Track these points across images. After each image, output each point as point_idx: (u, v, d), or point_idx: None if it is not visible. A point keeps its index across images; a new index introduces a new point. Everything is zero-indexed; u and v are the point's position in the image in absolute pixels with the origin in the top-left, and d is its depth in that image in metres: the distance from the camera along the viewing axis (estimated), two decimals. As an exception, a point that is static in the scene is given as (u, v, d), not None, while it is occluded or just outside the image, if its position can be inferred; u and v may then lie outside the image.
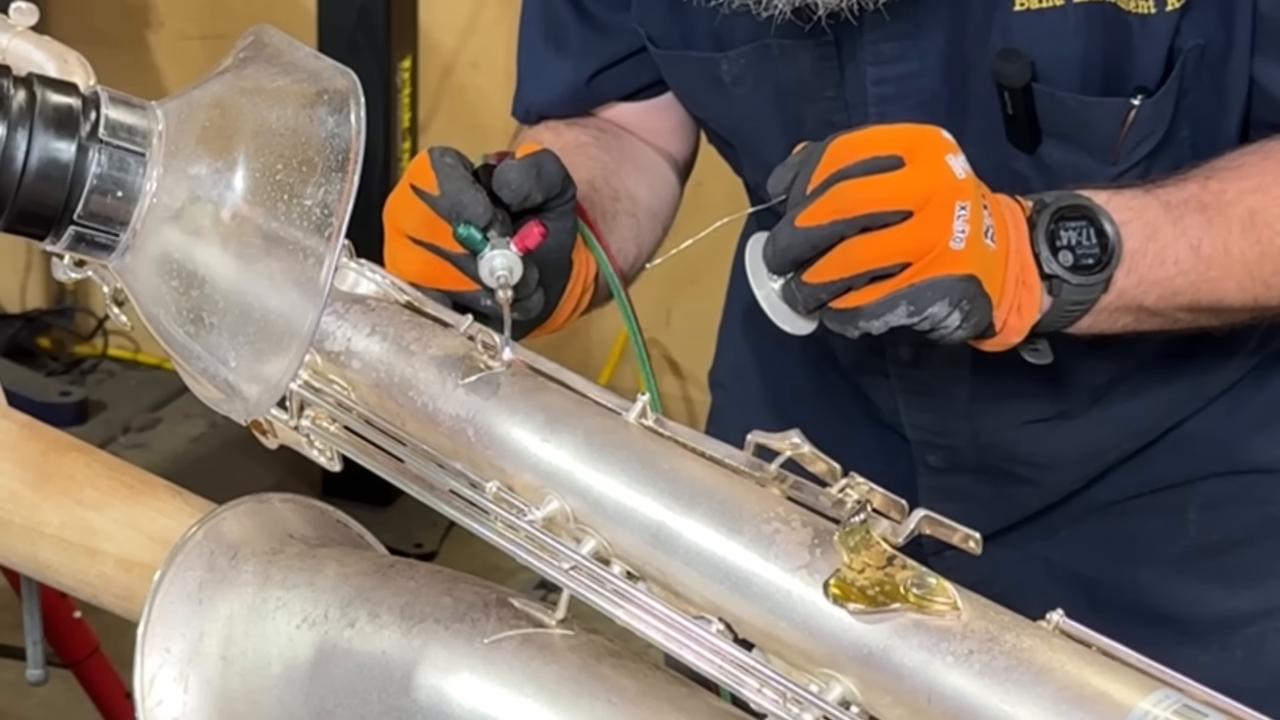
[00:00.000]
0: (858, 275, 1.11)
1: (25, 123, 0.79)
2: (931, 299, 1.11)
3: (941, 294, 1.11)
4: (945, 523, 0.77)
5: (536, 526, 0.83)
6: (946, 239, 1.10)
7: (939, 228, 1.10)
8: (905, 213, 1.10)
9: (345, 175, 0.79)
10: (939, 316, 1.11)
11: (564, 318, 1.27)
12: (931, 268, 1.10)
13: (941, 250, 1.10)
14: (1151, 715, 0.71)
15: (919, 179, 1.11)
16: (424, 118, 3.40)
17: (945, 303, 1.11)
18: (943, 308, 1.11)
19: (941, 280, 1.10)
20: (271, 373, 0.80)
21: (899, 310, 1.11)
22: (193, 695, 0.91)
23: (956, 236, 1.10)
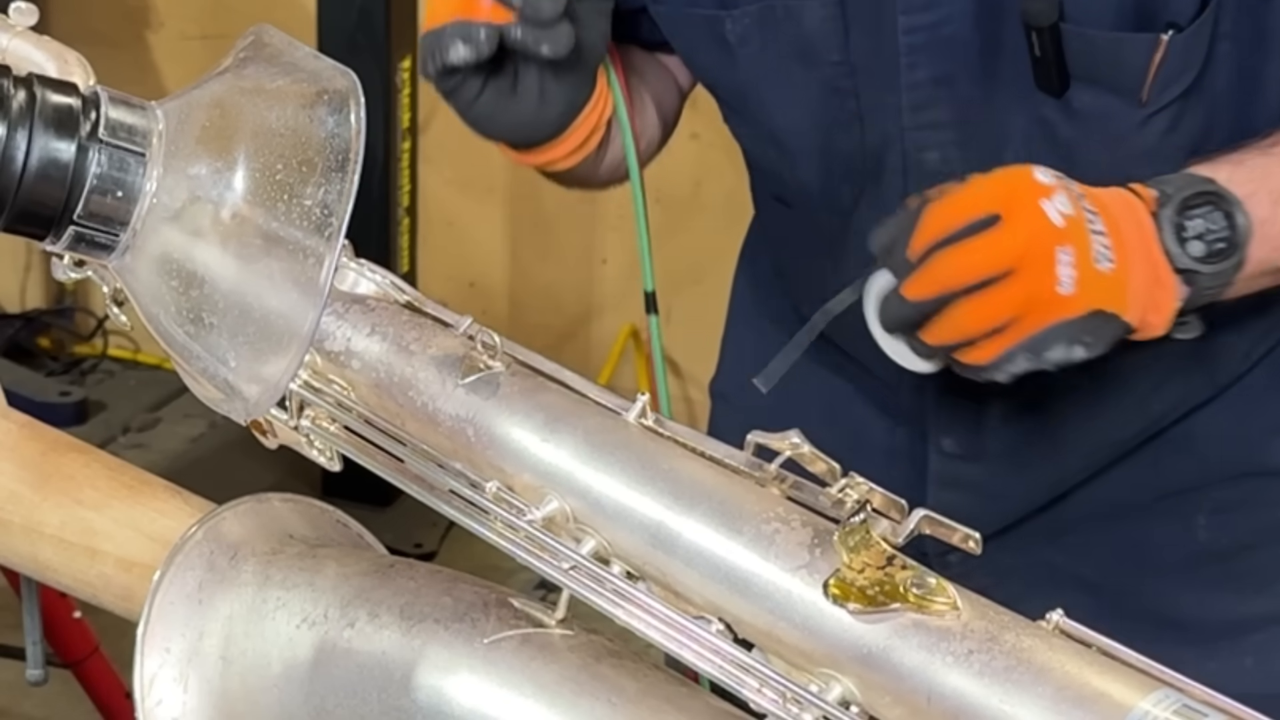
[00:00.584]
0: (969, 338, 1.14)
1: (25, 123, 0.79)
2: (1049, 344, 1.14)
3: (1057, 339, 1.14)
4: (945, 522, 0.77)
5: (536, 526, 0.83)
6: (1052, 288, 1.12)
7: (1041, 280, 1.12)
8: (1007, 271, 1.13)
9: (345, 175, 0.79)
10: (1061, 357, 1.14)
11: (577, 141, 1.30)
12: (1043, 317, 1.13)
13: (1049, 299, 1.13)
14: (1151, 715, 0.71)
15: (1014, 236, 1.13)
16: (424, 118, 3.40)
17: (1063, 345, 1.14)
18: (1062, 350, 1.14)
19: (1055, 328, 1.13)
20: (271, 373, 0.80)
21: (1019, 360, 1.14)
22: (193, 695, 0.91)
23: (1063, 283, 1.12)
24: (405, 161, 3.22)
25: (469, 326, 0.91)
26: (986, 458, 1.45)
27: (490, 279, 3.63)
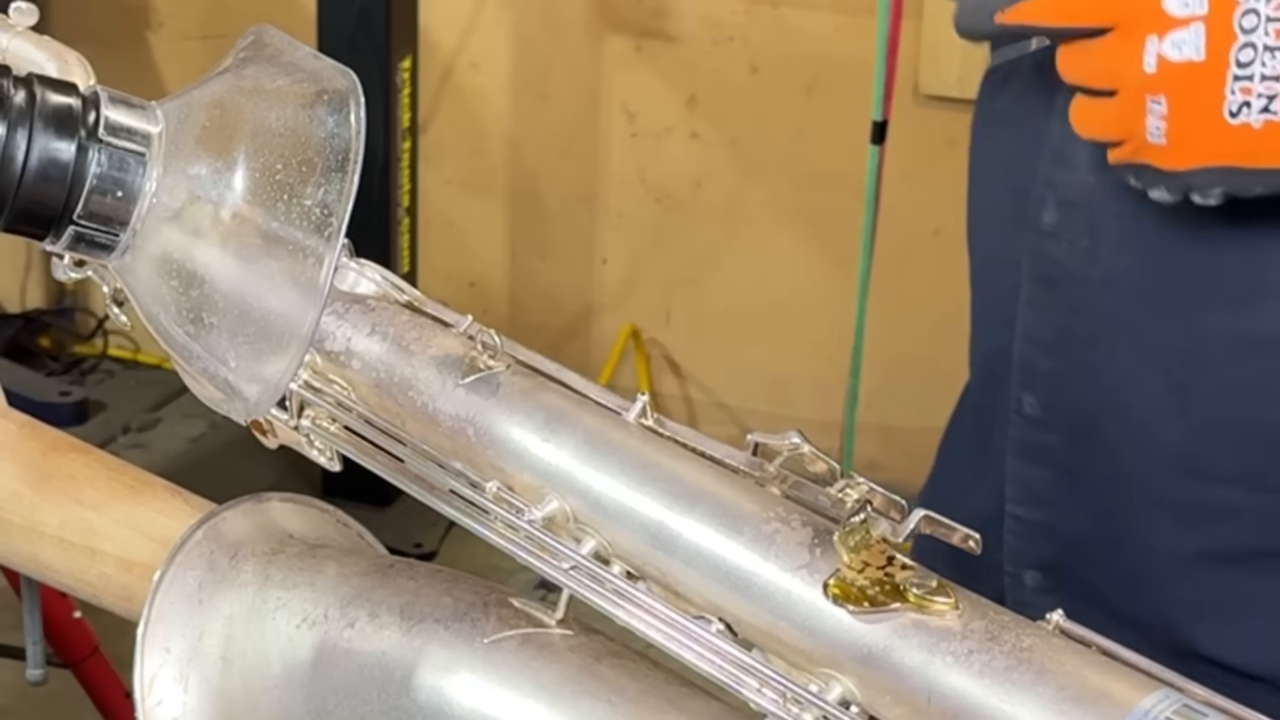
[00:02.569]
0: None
1: (25, 123, 0.79)
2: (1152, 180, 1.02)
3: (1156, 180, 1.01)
4: (945, 522, 0.77)
5: (536, 526, 0.83)
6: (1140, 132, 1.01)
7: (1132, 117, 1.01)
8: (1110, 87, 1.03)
9: (345, 175, 0.79)
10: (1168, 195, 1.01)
11: None
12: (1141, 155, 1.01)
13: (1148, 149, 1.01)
14: (1151, 715, 0.71)
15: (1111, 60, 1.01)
16: (424, 118, 3.40)
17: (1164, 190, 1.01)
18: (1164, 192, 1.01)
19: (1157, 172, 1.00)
20: (271, 373, 0.80)
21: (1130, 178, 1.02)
22: (193, 695, 0.91)
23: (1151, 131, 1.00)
24: (405, 161, 3.22)
25: (469, 326, 0.91)
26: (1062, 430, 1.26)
27: (490, 279, 3.63)
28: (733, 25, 3.33)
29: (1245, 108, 0.95)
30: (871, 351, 3.47)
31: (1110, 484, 1.22)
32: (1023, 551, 1.29)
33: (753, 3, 3.31)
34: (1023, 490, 1.28)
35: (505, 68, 3.51)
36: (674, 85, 3.38)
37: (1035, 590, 1.28)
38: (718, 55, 3.33)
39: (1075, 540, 1.27)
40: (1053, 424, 1.25)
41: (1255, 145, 0.96)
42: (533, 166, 3.53)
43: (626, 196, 3.48)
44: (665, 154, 3.41)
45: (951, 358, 3.19)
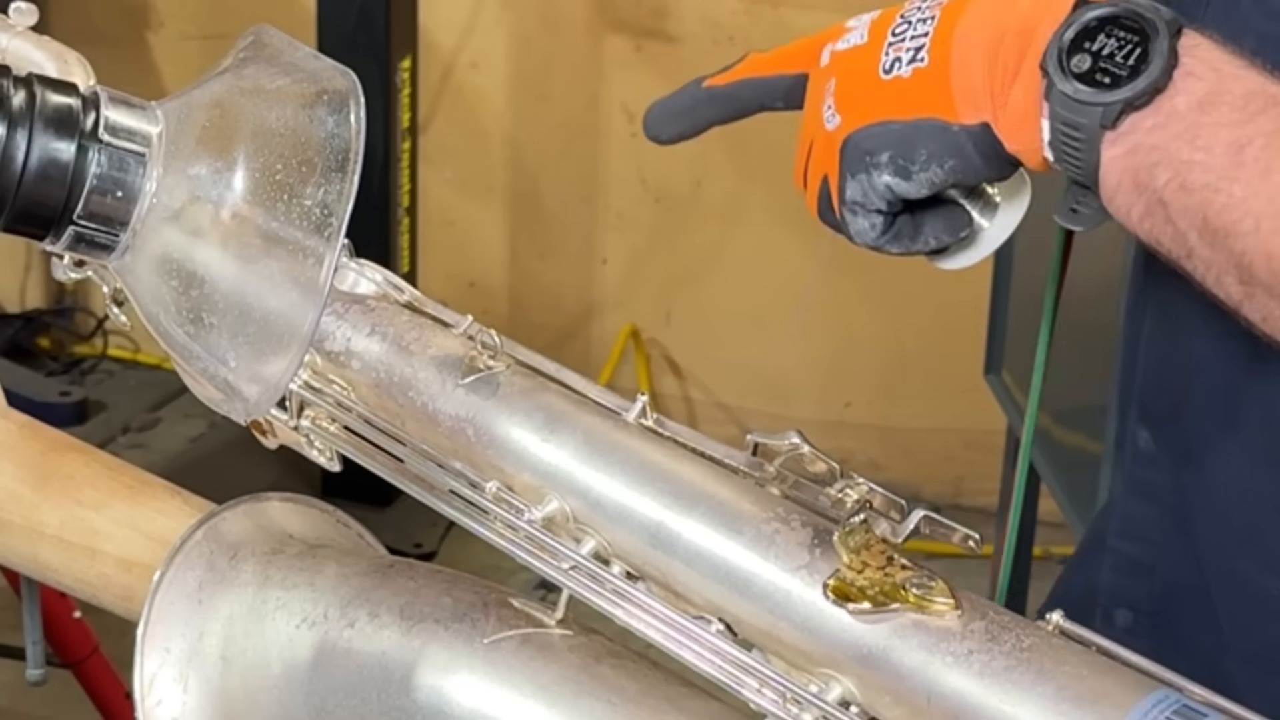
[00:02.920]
0: (819, 214, 1.03)
1: (25, 123, 0.79)
2: (843, 185, 1.00)
3: (844, 176, 1.00)
4: (945, 522, 0.77)
5: (536, 526, 0.83)
6: (821, 128, 1.01)
7: (815, 128, 1.02)
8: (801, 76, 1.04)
9: (345, 175, 0.79)
10: (864, 192, 0.99)
11: None
12: (830, 162, 1.01)
13: (824, 140, 1.01)
14: (1151, 715, 0.71)
15: (806, 102, 1.04)
16: (424, 118, 3.40)
17: (852, 178, 0.99)
18: (856, 184, 0.99)
19: (839, 163, 1.00)
20: (271, 373, 0.80)
21: (846, 219, 1.00)
22: (192, 695, 0.91)
23: (826, 119, 1.01)
24: (405, 161, 3.22)
25: (469, 326, 0.91)
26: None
27: (490, 279, 3.63)
28: (733, 25, 3.33)
29: (896, 63, 0.99)
30: (871, 351, 3.47)
31: (1214, 531, 1.17)
32: (1120, 588, 1.26)
33: (753, 3, 3.31)
34: (1128, 524, 1.24)
35: (505, 68, 3.51)
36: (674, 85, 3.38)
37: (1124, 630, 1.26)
38: (718, 55, 3.32)
39: (1171, 586, 1.22)
40: (1162, 462, 1.21)
41: (905, 95, 0.98)
42: (533, 166, 3.53)
43: (626, 196, 3.48)
44: (665, 154, 3.41)
45: (951, 357, 3.20)
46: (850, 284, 3.29)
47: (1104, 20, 0.93)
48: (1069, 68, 0.93)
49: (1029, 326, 2.36)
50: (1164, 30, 0.92)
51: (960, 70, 0.97)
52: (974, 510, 3.20)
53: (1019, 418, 2.34)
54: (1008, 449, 2.45)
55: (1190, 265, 0.94)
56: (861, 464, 3.26)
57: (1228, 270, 0.93)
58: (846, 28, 1.03)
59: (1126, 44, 0.93)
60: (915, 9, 1.00)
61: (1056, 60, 0.93)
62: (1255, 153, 0.90)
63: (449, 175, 3.54)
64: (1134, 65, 0.92)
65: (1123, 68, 0.92)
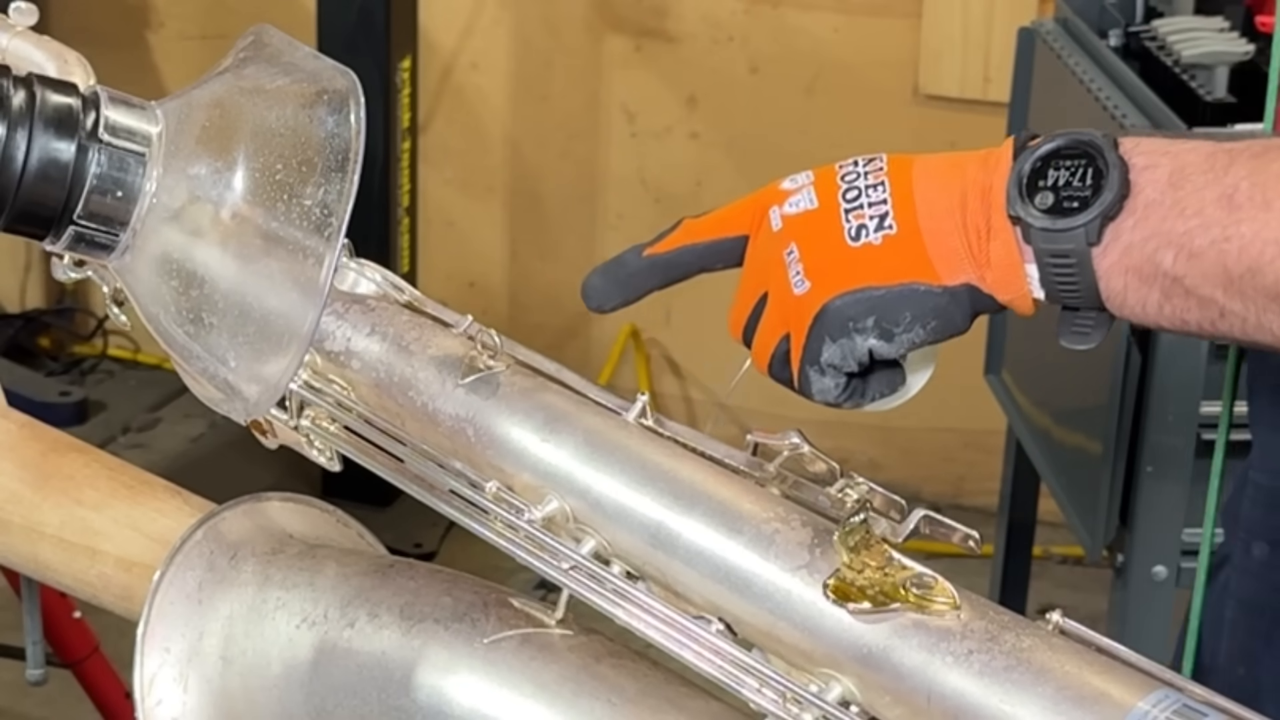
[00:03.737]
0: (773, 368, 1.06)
1: (25, 123, 0.79)
2: (815, 348, 1.02)
3: (818, 339, 1.02)
4: (945, 522, 0.78)
5: (536, 526, 0.83)
6: (788, 293, 1.03)
7: (778, 290, 1.04)
8: (762, 296, 1.05)
9: (345, 175, 0.79)
10: (843, 355, 1.02)
11: None
12: (800, 324, 1.03)
13: (792, 305, 1.03)
14: (1151, 715, 0.71)
15: (749, 260, 1.06)
16: (424, 118, 3.40)
17: (831, 342, 1.01)
18: (835, 349, 1.02)
19: (813, 328, 1.02)
20: (271, 373, 0.80)
21: (811, 377, 1.03)
22: (192, 695, 0.91)
23: (794, 283, 1.03)
24: (405, 161, 3.22)
25: (469, 326, 0.91)
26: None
27: (490, 279, 3.63)
28: (733, 25, 3.33)
29: (863, 230, 1.02)
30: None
31: None
32: (1258, 521, 1.29)
33: (753, 3, 3.31)
34: (1267, 456, 1.28)
35: (505, 68, 3.51)
36: (674, 85, 3.38)
37: (1261, 563, 1.28)
38: (718, 55, 3.32)
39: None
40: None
41: (881, 261, 1.01)
42: (533, 166, 3.52)
43: (626, 196, 3.48)
44: (665, 154, 3.41)
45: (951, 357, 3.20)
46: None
47: (1047, 156, 0.99)
48: (1036, 207, 0.98)
49: (1029, 326, 2.36)
50: (1104, 144, 0.98)
51: (934, 237, 1.01)
52: (974, 510, 3.20)
53: (1019, 418, 2.34)
54: (1008, 449, 2.45)
55: (1225, 326, 0.97)
56: (861, 464, 3.26)
57: (1266, 309, 0.95)
58: (785, 189, 1.06)
59: (1077, 168, 0.98)
60: (855, 173, 1.04)
61: (1021, 205, 0.98)
62: (1246, 193, 0.94)
63: (449, 175, 3.54)
64: (1093, 184, 0.97)
65: (1084, 189, 0.97)
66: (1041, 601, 2.80)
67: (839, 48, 3.22)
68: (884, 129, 3.16)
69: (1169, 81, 2.01)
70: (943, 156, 1.05)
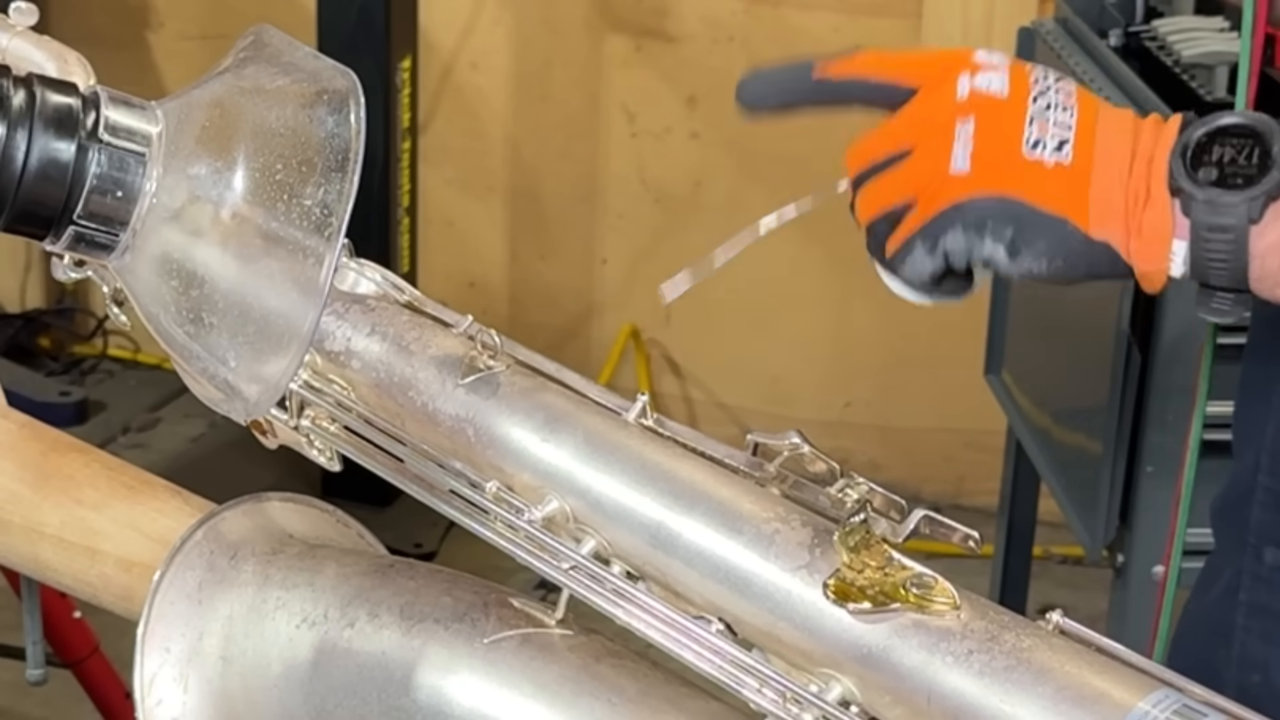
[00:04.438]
0: (875, 220, 1.05)
1: (25, 123, 0.79)
2: (942, 228, 1.01)
3: (949, 223, 1.01)
4: (945, 522, 0.77)
5: (536, 526, 0.83)
6: (943, 165, 1.01)
7: (933, 157, 1.02)
8: (905, 150, 1.03)
9: (345, 175, 0.79)
10: (961, 247, 1.01)
11: None
12: (935, 199, 1.01)
13: (940, 178, 1.02)
14: (1151, 715, 0.71)
15: (913, 111, 1.04)
16: (424, 118, 3.40)
17: (960, 231, 1.01)
18: (959, 237, 1.01)
19: (947, 210, 1.01)
20: (271, 373, 0.80)
21: (917, 252, 1.02)
22: (192, 695, 0.91)
23: (956, 158, 1.01)
24: (405, 161, 3.22)
25: (469, 326, 0.91)
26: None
27: (490, 279, 3.63)
28: (733, 25, 3.32)
29: (1040, 145, 1.01)
30: (871, 351, 3.47)
31: None
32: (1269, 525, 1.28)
33: (753, 3, 3.30)
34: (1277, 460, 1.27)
35: (505, 68, 3.51)
36: (674, 85, 3.38)
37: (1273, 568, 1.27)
38: (718, 55, 3.32)
39: None
40: None
41: (1045, 183, 1.01)
42: (533, 166, 3.52)
43: (626, 196, 3.48)
44: (665, 154, 3.41)
45: (951, 357, 3.20)
46: (850, 284, 3.28)
47: (1213, 134, 1.00)
48: (1200, 180, 0.99)
49: (1029, 326, 2.37)
50: (1274, 128, 1.00)
51: (1101, 185, 1.01)
52: (974, 510, 3.20)
53: (1019, 418, 2.34)
54: (1008, 449, 2.45)
55: None
56: (861, 464, 3.26)
57: None
58: (978, 61, 1.04)
59: (1244, 147, 1.00)
60: (1047, 85, 1.03)
61: (1186, 176, 0.99)
62: None
63: (449, 175, 3.54)
64: (1259, 163, 1.00)
65: (1249, 168, 1.00)
66: (1041, 601, 2.80)
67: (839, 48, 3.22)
68: (884, 129, 3.15)
69: (1169, 81, 2.01)
70: (1124, 112, 1.04)
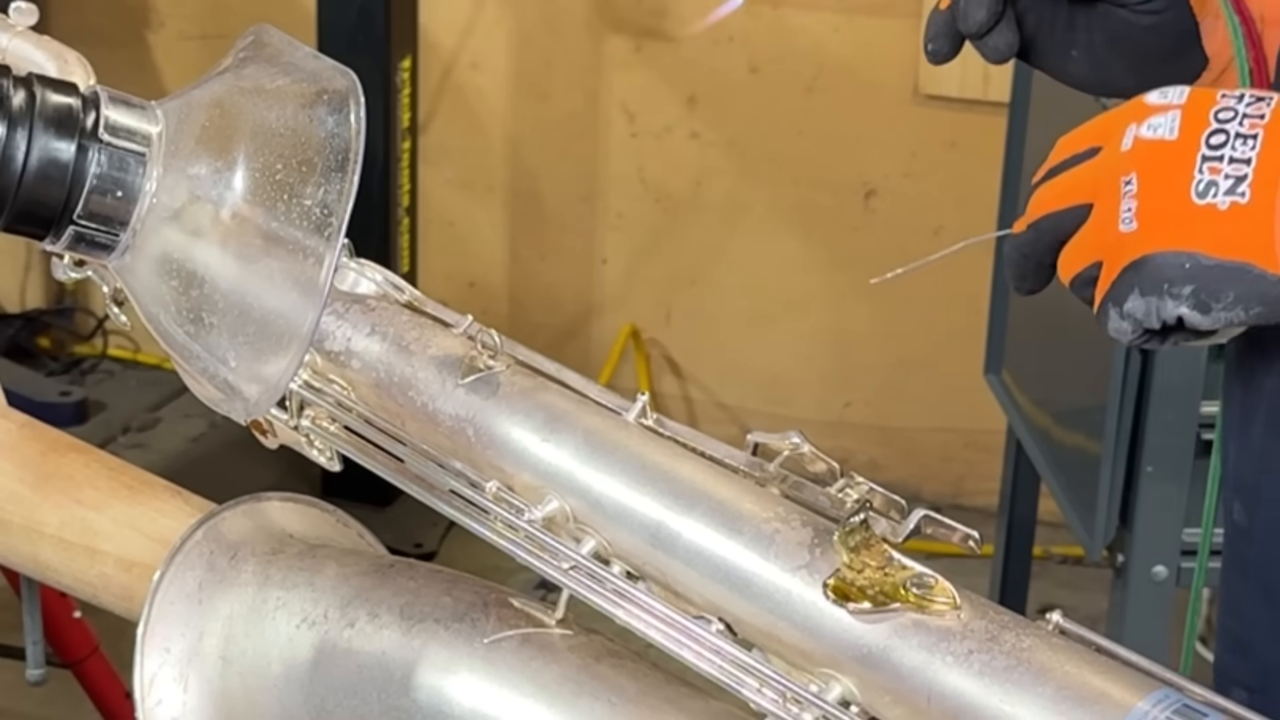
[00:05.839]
0: (1074, 283, 0.99)
1: (25, 123, 0.79)
2: (1122, 294, 0.95)
3: (1128, 288, 0.94)
4: (945, 522, 0.77)
5: (536, 526, 0.83)
6: (1113, 225, 0.95)
7: (1104, 217, 0.96)
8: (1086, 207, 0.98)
9: (345, 175, 0.79)
10: (1149, 312, 0.94)
11: None
12: (1114, 260, 0.95)
13: (1113, 238, 0.95)
14: (1151, 715, 0.71)
15: (1090, 167, 0.98)
16: (424, 118, 3.40)
17: (1139, 296, 0.94)
18: (1141, 303, 0.94)
19: (1123, 273, 0.95)
20: (271, 373, 0.80)
21: (1111, 313, 0.95)
22: (192, 695, 0.91)
23: (1123, 219, 0.95)
24: (405, 161, 3.22)
25: (469, 326, 0.91)
26: None
27: (490, 279, 3.63)
28: (733, 25, 3.33)
29: (1212, 188, 0.93)
30: (871, 351, 3.47)
31: None
32: (1229, 667, 1.19)
33: (753, 3, 3.30)
34: (1229, 601, 1.18)
35: (505, 68, 3.51)
36: (674, 85, 3.38)
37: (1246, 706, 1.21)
38: (718, 55, 3.33)
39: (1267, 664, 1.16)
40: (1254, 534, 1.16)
41: (1220, 229, 0.93)
42: (533, 166, 3.52)
43: (626, 196, 3.47)
44: (665, 154, 3.41)
45: (951, 358, 3.20)
46: (850, 284, 3.28)
47: None
48: None
49: (1029, 326, 2.37)
50: None
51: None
52: (974, 510, 3.20)
53: (1019, 418, 2.34)
54: (1008, 449, 2.45)
55: None
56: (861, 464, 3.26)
57: None
58: (1150, 104, 0.97)
59: None
60: (1233, 111, 0.95)
61: None
62: None
63: (449, 175, 3.54)
64: None
65: None
66: (1041, 601, 2.80)
67: (839, 48, 3.21)
68: (884, 129, 3.16)
69: (1169, 81, 2.00)
70: None
